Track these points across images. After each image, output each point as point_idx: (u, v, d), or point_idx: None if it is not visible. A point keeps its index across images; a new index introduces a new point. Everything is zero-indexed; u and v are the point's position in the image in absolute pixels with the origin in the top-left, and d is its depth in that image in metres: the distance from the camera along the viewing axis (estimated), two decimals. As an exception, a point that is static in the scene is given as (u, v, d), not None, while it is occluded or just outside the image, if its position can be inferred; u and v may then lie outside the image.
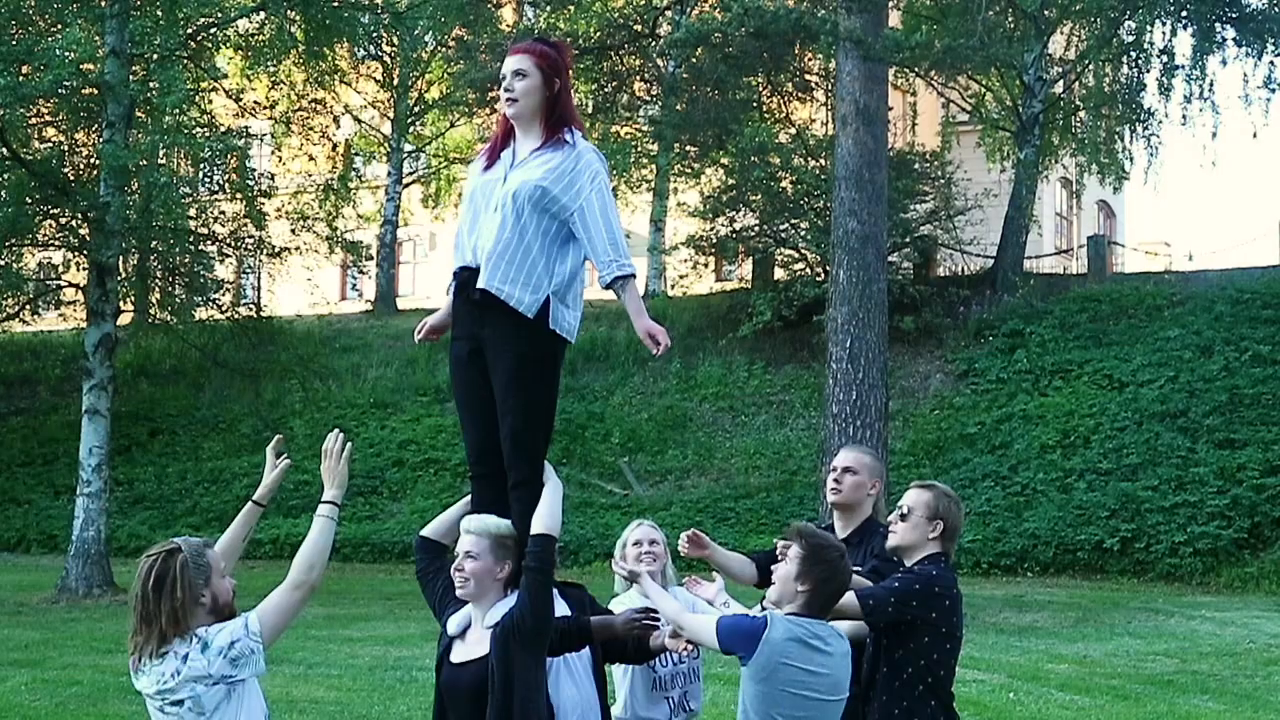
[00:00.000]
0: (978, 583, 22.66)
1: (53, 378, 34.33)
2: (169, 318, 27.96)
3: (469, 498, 5.74)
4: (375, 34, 32.24)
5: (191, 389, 33.94)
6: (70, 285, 27.24)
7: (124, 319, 28.40)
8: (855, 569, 5.94)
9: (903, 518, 5.73)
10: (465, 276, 5.59)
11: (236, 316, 28.26)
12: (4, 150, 22.78)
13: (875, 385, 19.41)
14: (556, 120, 5.55)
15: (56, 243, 25.64)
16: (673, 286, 34.85)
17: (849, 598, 5.51)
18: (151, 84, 23.88)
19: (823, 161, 29.99)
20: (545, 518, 5.20)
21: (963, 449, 26.85)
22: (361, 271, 39.54)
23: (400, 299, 39.77)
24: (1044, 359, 28.62)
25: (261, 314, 29.83)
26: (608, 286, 5.48)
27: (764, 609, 5.37)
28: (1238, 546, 23.02)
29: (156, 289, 27.36)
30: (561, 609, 5.52)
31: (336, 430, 5.35)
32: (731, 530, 25.24)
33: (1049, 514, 24.26)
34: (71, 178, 24.43)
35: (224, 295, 27.93)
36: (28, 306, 28.71)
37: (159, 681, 4.78)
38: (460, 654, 5.39)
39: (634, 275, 5.48)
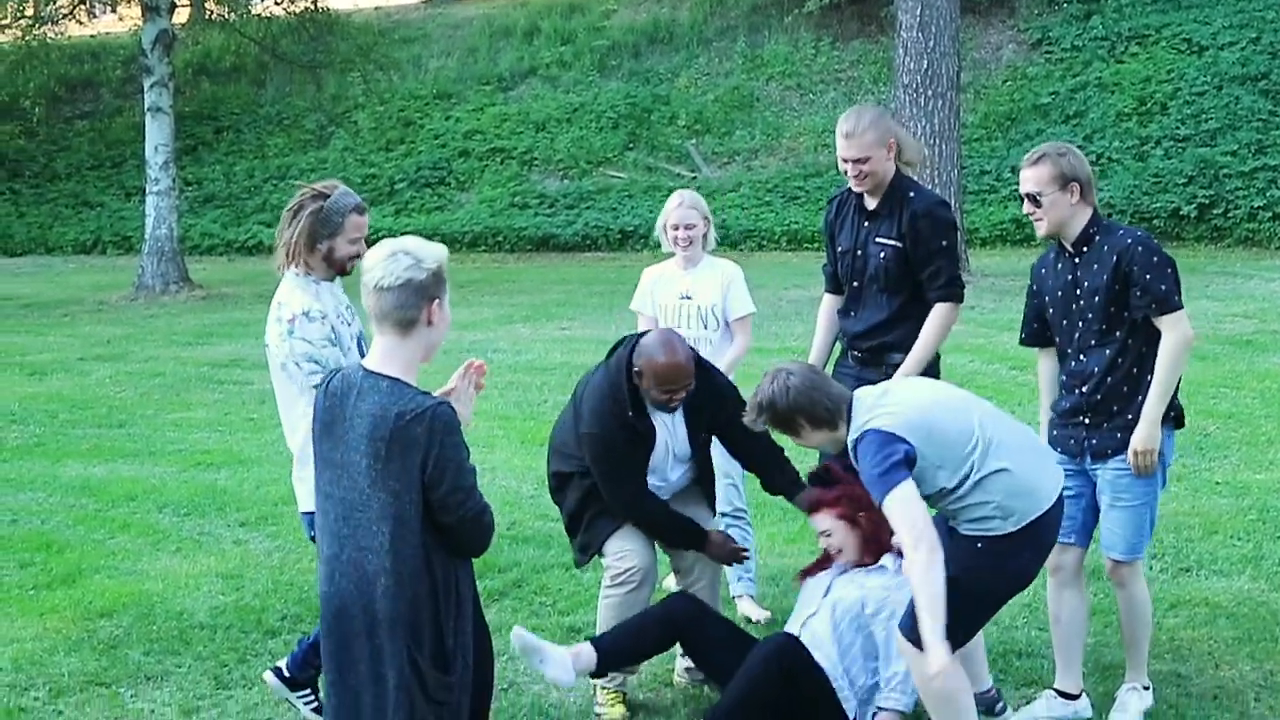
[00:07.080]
0: (1051, 254, 22.45)
1: (114, 80, 34.10)
2: (225, 12, 27.60)
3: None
4: None
5: (253, 86, 33.70)
6: (123, -19, 26.87)
7: (181, 16, 28.01)
8: (886, 240, 6.04)
9: (1037, 204, 5.39)
10: None
11: (293, 9, 27.81)
12: None
13: (946, 53, 18.87)
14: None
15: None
16: (736, -37, 33.83)
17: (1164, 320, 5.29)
18: None
19: None
20: None
21: (1036, 120, 26.30)
22: (417, -41, 38.57)
23: (458, -13, 38.94)
24: (1120, 24, 27.75)
25: (318, 6, 29.31)
26: None
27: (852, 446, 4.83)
28: (1318, 209, 22.61)
29: (210, -18, 26.93)
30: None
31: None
32: (801, 208, 25.07)
33: (1125, 182, 23.84)
34: None
35: (279, -14, 27.47)
36: (81, 5, 28.30)
37: (281, 294, 5.33)
38: None
39: None
